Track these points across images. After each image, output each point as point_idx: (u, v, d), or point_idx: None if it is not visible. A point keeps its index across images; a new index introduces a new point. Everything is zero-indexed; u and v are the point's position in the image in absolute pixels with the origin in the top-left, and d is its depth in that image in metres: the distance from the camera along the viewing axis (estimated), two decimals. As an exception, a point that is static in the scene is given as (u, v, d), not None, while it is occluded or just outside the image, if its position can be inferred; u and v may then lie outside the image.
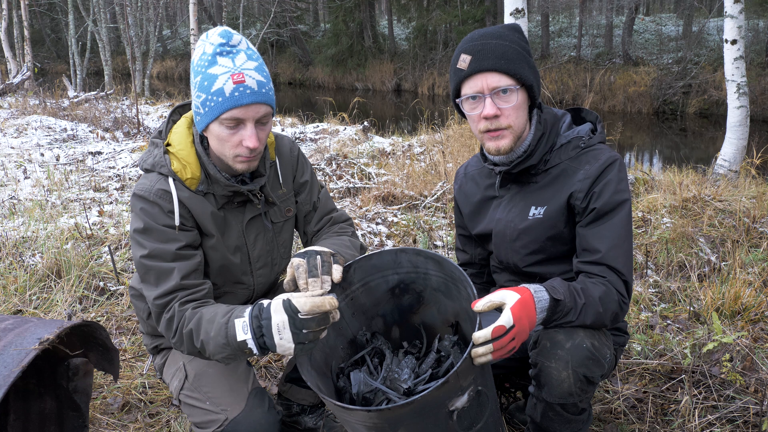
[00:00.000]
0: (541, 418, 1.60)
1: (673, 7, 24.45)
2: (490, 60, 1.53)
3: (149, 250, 1.54)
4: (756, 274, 3.14)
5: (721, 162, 6.10)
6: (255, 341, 1.36)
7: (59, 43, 28.27)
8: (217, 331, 1.41)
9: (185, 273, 1.54)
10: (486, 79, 1.54)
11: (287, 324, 1.32)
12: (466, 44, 1.58)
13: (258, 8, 25.53)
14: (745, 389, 2.17)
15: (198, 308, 1.51)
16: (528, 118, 1.65)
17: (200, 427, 1.66)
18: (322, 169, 5.87)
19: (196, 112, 1.52)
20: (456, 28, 18.83)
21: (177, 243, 1.56)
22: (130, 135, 8.16)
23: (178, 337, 1.51)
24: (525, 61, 1.57)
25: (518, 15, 5.40)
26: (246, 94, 1.45)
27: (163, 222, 1.55)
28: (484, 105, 1.56)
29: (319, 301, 1.32)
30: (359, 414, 1.31)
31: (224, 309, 1.45)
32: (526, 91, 1.59)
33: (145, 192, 1.57)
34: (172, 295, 1.53)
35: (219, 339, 1.40)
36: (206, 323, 1.45)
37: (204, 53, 1.48)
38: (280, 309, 1.34)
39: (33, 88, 13.18)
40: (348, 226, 1.90)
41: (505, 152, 1.62)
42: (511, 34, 1.59)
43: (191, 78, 1.52)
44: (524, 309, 1.37)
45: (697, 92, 14.14)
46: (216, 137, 1.52)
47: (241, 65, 1.47)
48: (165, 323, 1.53)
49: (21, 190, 5.15)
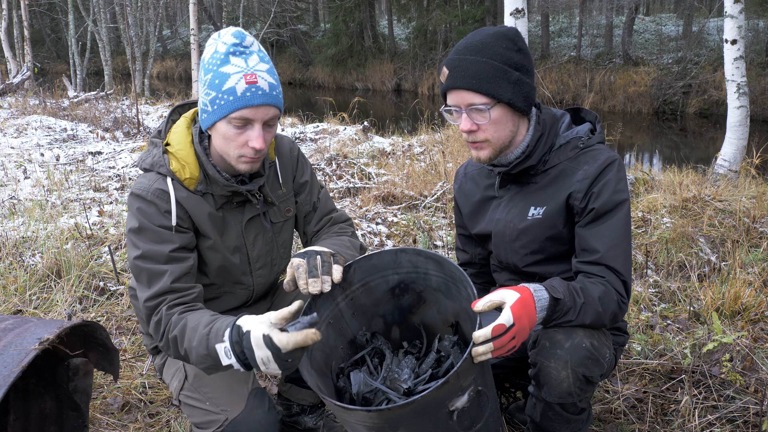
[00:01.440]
0: (541, 418, 1.60)
1: (673, 7, 24.46)
2: (463, 79, 1.53)
3: (142, 251, 1.54)
4: (756, 274, 3.14)
5: (721, 162, 6.10)
6: (240, 364, 1.34)
7: (59, 43, 28.28)
8: (199, 341, 1.39)
9: (177, 276, 1.54)
10: (461, 96, 1.55)
11: (271, 358, 1.29)
12: (450, 56, 1.60)
13: (258, 8, 25.54)
14: (745, 389, 2.17)
15: (184, 313, 1.49)
16: (516, 125, 1.64)
17: (200, 427, 1.66)
18: (322, 169, 5.87)
19: (203, 110, 1.52)
20: (456, 28, 18.83)
21: (171, 245, 1.55)
22: (130, 135, 8.16)
23: (164, 341, 1.51)
24: (504, 78, 1.53)
25: (518, 15, 5.40)
26: (258, 95, 1.46)
27: (158, 222, 1.55)
28: (462, 119, 1.58)
29: (301, 339, 1.27)
30: (359, 414, 1.31)
31: (206, 319, 1.43)
32: (505, 105, 1.57)
33: (142, 191, 1.57)
34: (161, 297, 1.52)
35: (200, 350, 1.39)
36: (190, 331, 1.43)
37: (216, 51, 1.48)
38: (261, 345, 1.28)
39: (33, 88, 13.19)
40: (348, 226, 1.90)
41: (486, 162, 1.66)
42: (495, 45, 1.55)
43: (200, 75, 1.52)
44: (524, 308, 1.37)
45: (697, 92, 14.14)
46: (222, 136, 1.51)
47: (254, 66, 1.47)
48: (153, 326, 1.53)
49: (21, 190, 5.15)
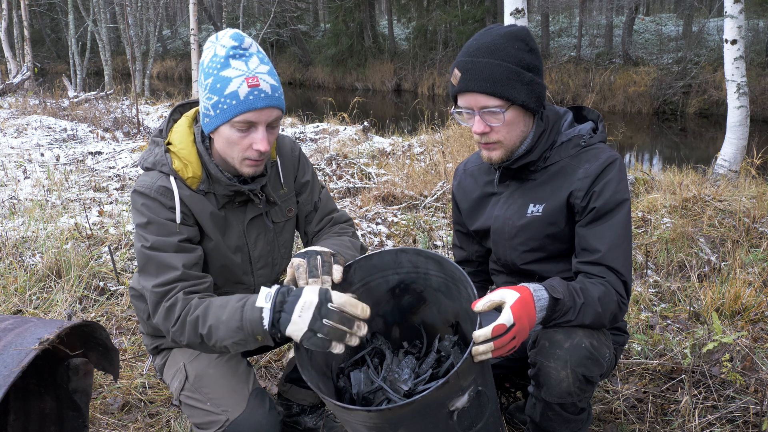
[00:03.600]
0: (541, 418, 1.60)
1: (673, 7, 24.45)
2: (477, 82, 1.53)
3: (151, 242, 1.55)
4: (756, 274, 3.14)
5: (721, 162, 6.10)
6: (271, 313, 1.36)
7: (59, 43, 28.27)
8: (231, 314, 1.41)
9: (188, 264, 1.55)
10: (474, 99, 1.55)
11: (314, 305, 1.33)
12: (461, 57, 1.59)
13: (258, 8, 25.53)
14: (745, 389, 2.17)
15: (205, 298, 1.51)
16: (528, 125, 1.64)
17: (201, 428, 1.66)
18: (322, 169, 5.87)
19: (206, 114, 1.51)
20: (456, 28, 18.84)
21: (179, 236, 1.56)
22: (130, 135, 8.16)
23: (179, 325, 1.49)
24: (517, 80, 1.53)
25: (518, 15, 5.40)
26: (261, 98, 1.46)
27: (165, 216, 1.56)
28: (474, 121, 1.58)
29: (354, 302, 1.34)
30: (360, 414, 1.31)
31: (238, 296, 1.46)
32: (519, 106, 1.57)
33: (146, 189, 1.57)
34: (173, 284, 1.52)
35: (232, 323, 1.40)
36: (217, 309, 1.44)
37: (216, 55, 1.47)
38: (314, 292, 1.35)
39: (33, 88, 13.18)
40: (348, 226, 1.90)
41: (497, 163, 1.66)
42: (508, 47, 1.54)
43: (200, 79, 1.51)
44: (524, 307, 1.37)
45: (697, 92, 14.14)
46: (226, 140, 1.51)
47: (255, 69, 1.47)
48: (164, 311, 1.51)
49: (21, 190, 5.15)
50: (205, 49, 1.52)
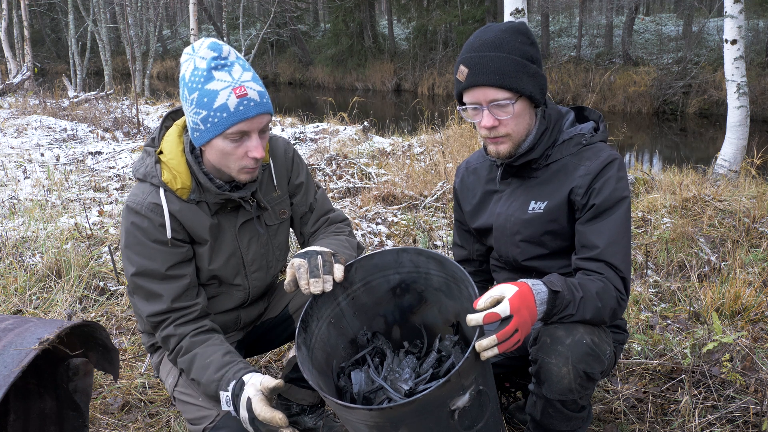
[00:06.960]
0: (541, 416, 1.60)
1: (673, 7, 24.45)
2: (486, 75, 1.54)
3: (136, 268, 1.58)
4: (756, 274, 3.14)
5: (721, 162, 6.10)
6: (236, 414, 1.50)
7: (59, 43, 28.27)
8: (208, 383, 1.55)
9: (175, 296, 1.59)
10: (483, 93, 1.56)
11: (247, 420, 1.46)
12: (465, 54, 1.59)
13: (258, 8, 25.52)
14: (745, 389, 2.17)
15: (196, 337, 1.60)
16: (533, 118, 1.66)
17: (193, 423, 1.67)
18: (322, 169, 5.87)
19: (195, 128, 1.50)
20: (456, 28, 18.84)
21: (166, 262, 1.58)
22: (130, 135, 8.16)
23: (173, 358, 1.63)
24: (524, 71, 1.55)
25: (518, 15, 5.40)
26: (250, 107, 1.46)
27: (153, 237, 1.57)
28: (482, 116, 1.58)
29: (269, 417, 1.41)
30: (361, 413, 1.31)
31: (218, 361, 1.55)
32: (526, 98, 1.59)
33: (137, 205, 1.58)
34: (164, 316, 1.60)
35: (209, 390, 1.56)
36: (198, 369, 1.56)
37: (197, 68, 1.46)
38: (244, 406, 1.46)
39: (33, 88, 13.18)
40: (345, 226, 1.90)
41: (504, 157, 1.67)
42: (512, 40, 1.57)
43: (183, 94, 1.49)
44: (523, 300, 1.37)
45: (697, 92, 14.15)
46: (220, 151, 1.51)
47: (240, 78, 1.46)
48: (161, 339, 1.63)
49: (21, 190, 5.14)
50: (183, 62, 1.50)
